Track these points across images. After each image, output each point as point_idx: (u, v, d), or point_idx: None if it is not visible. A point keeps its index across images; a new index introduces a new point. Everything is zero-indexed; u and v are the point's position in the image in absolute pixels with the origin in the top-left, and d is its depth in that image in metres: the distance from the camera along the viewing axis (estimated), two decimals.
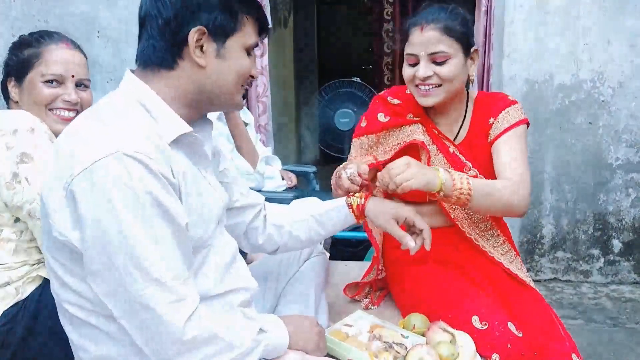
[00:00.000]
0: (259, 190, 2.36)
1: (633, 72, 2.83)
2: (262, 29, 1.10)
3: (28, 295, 1.34)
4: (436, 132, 1.55)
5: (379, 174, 1.31)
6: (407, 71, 1.48)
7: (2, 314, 1.31)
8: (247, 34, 1.06)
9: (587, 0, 2.77)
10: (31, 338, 1.33)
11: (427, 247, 1.28)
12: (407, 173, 1.25)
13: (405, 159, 1.29)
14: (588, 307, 2.81)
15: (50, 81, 1.46)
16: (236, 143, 2.35)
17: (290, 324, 1.13)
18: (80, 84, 1.52)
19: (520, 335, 1.28)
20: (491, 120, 1.51)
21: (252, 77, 1.12)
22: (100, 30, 2.95)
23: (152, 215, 0.90)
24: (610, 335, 2.54)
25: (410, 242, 1.27)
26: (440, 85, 1.45)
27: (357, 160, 1.59)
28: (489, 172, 1.49)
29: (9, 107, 1.52)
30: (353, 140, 1.63)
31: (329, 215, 1.38)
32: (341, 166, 1.47)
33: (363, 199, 1.35)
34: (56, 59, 1.47)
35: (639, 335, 2.53)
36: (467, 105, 1.56)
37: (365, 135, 1.59)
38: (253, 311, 1.14)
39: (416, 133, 1.53)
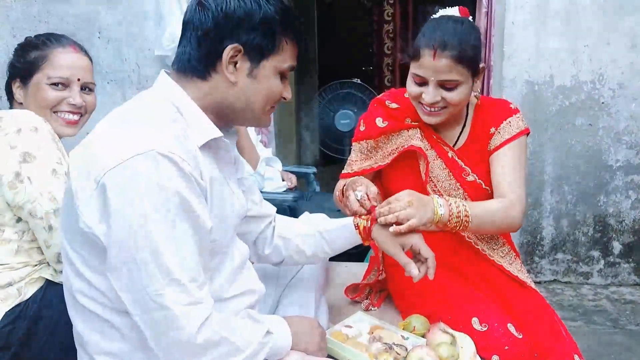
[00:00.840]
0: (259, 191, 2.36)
1: (633, 73, 2.82)
2: (299, 53, 1.10)
3: (30, 296, 1.34)
4: (435, 137, 1.54)
5: (379, 205, 1.31)
6: (412, 89, 1.45)
7: (4, 315, 1.31)
8: (283, 57, 1.07)
9: (587, 1, 2.76)
10: (33, 339, 1.33)
11: (430, 277, 1.27)
12: (410, 211, 1.25)
13: (408, 195, 1.29)
14: (588, 309, 2.81)
15: (56, 84, 1.46)
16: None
17: (292, 325, 1.14)
18: (85, 88, 1.52)
19: (520, 336, 1.28)
20: (492, 129, 1.50)
21: (285, 98, 1.11)
22: (100, 31, 2.96)
23: (178, 216, 0.92)
24: (611, 337, 2.53)
25: (414, 271, 1.25)
26: (445, 107, 1.43)
27: (357, 164, 1.59)
28: (488, 178, 1.49)
29: (12, 108, 1.52)
30: (352, 144, 1.62)
31: (336, 233, 1.38)
32: (349, 182, 1.46)
33: (369, 222, 1.34)
34: (63, 62, 1.47)
35: (639, 337, 2.53)
36: (467, 111, 1.56)
37: (364, 140, 1.58)
38: (257, 313, 1.15)
39: (414, 138, 1.52)
